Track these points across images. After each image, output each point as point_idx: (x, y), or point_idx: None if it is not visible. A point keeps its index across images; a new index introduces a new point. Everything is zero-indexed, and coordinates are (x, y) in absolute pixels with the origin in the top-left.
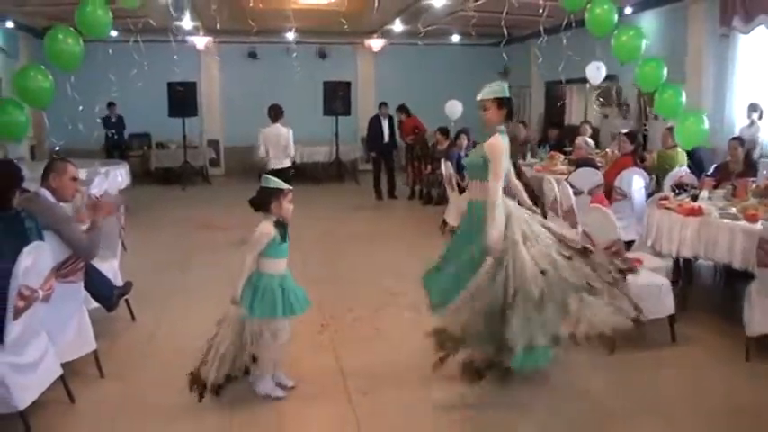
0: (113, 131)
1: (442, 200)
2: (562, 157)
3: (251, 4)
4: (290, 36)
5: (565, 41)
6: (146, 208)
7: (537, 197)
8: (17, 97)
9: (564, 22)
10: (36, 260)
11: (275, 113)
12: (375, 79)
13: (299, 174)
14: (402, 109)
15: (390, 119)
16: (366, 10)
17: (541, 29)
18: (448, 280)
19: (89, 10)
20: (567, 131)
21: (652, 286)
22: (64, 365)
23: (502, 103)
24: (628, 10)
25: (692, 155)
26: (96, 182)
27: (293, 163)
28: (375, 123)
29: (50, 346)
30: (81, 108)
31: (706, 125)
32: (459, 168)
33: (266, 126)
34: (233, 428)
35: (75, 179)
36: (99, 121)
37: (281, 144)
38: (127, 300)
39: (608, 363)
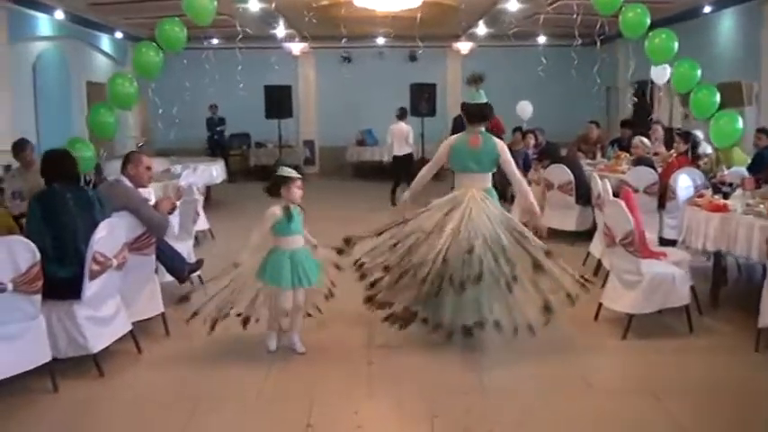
0: (215, 131)
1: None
2: (629, 156)
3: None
4: (381, 41)
5: (647, 43)
6: (239, 200)
7: None
8: (109, 101)
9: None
10: (110, 233)
11: (401, 113)
12: (463, 81)
13: (388, 171)
14: None
15: None
16: (442, 16)
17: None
18: None
19: (167, 27)
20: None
21: (665, 275)
22: (136, 323)
23: (462, 108)
24: (707, 8)
25: (759, 155)
26: (184, 175)
27: (411, 155)
28: (458, 123)
29: (123, 306)
30: (161, 110)
31: (740, 124)
32: (526, 167)
33: (393, 123)
34: (271, 374)
35: (149, 168)
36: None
37: (403, 136)
38: (199, 276)
39: (615, 347)
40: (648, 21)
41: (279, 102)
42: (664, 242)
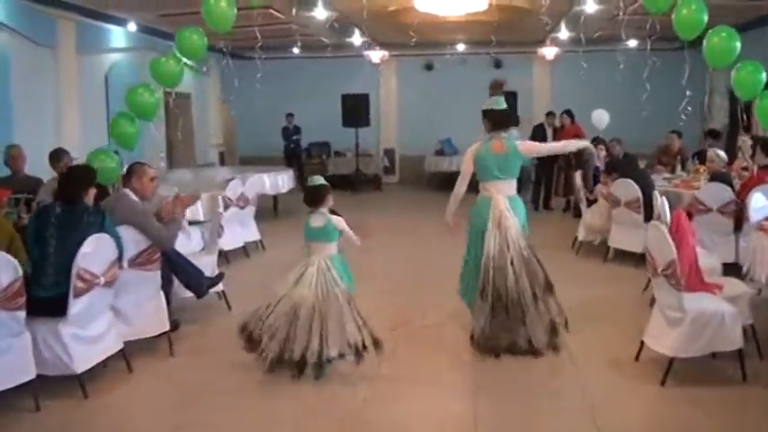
0: (291, 140)
1: None
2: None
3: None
4: (461, 47)
5: (704, 43)
6: (299, 210)
7: None
8: (130, 111)
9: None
10: (97, 249)
11: None
12: (550, 87)
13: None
14: (567, 113)
15: (555, 129)
16: (518, 20)
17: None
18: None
19: (186, 35)
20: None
21: (713, 314)
22: (139, 342)
23: (485, 115)
24: None
25: None
26: (231, 185)
27: None
28: (539, 132)
29: (115, 324)
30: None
31: None
32: (595, 180)
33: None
34: (266, 410)
35: (153, 179)
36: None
37: None
38: (223, 291)
39: (651, 394)
40: (706, 18)
41: (356, 110)
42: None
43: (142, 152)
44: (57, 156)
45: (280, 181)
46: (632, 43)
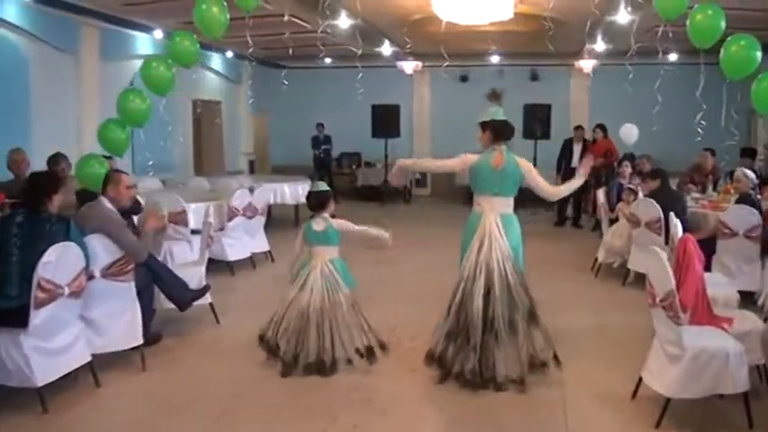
0: (321, 150)
1: None
2: None
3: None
4: (496, 59)
5: (722, 53)
6: None
7: None
8: (120, 116)
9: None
10: (60, 259)
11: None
12: (588, 101)
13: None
14: (600, 128)
15: (584, 143)
16: (545, 31)
17: None
18: None
19: (177, 41)
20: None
21: (716, 351)
22: (114, 354)
23: (485, 126)
24: None
25: None
26: (237, 194)
27: None
28: (567, 146)
29: (85, 335)
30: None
31: None
32: (618, 199)
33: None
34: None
35: (129, 187)
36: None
37: None
38: (212, 303)
39: None
40: (723, 25)
41: (386, 121)
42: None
43: (172, 160)
44: (54, 160)
45: (300, 190)
46: (672, 57)
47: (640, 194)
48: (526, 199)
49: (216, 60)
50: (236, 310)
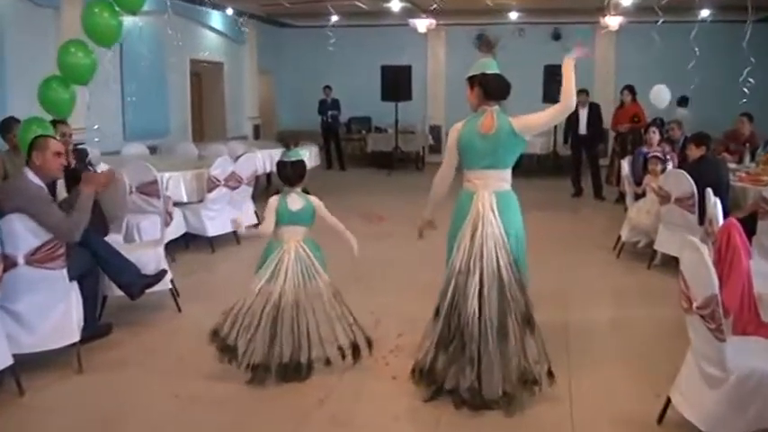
0: (329, 114)
1: None
2: None
3: None
4: (514, 16)
5: None
6: (336, 190)
7: None
8: (60, 72)
9: None
10: None
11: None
12: (614, 61)
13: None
14: (629, 90)
15: (590, 107)
16: None
17: None
18: None
19: None
20: None
21: (763, 377)
22: (42, 354)
23: (473, 81)
24: None
25: None
26: (218, 163)
27: None
28: (572, 114)
29: (11, 333)
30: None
31: None
32: (643, 169)
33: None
34: None
35: (58, 154)
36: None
37: None
38: (171, 290)
39: None
40: None
41: (396, 83)
42: None
43: (167, 124)
44: (7, 125)
45: (305, 157)
46: (705, 13)
47: (669, 165)
48: (535, 170)
49: (216, 18)
50: (207, 295)
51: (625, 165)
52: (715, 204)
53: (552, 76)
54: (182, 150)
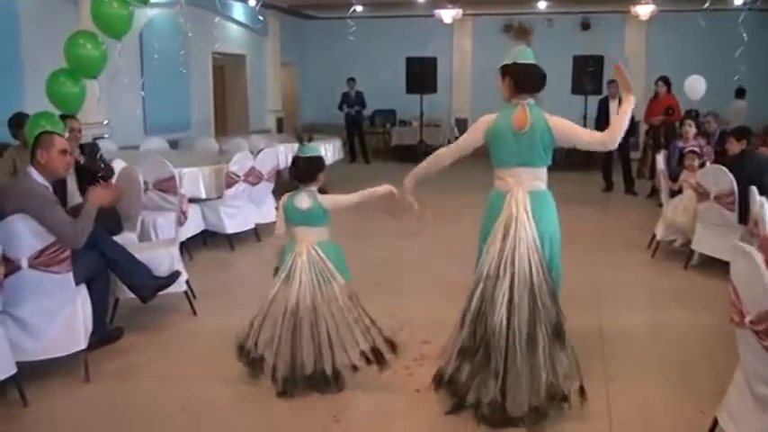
0: (353, 107)
1: None
2: None
3: None
4: (543, 5)
5: None
6: (357, 184)
7: None
8: (68, 65)
9: None
10: None
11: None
12: (645, 51)
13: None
14: (663, 81)
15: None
16: None
17: None
18: None
19: None
20: None
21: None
22: (47, 362)
23: (505, 72)
24: None
25: None
26: (236, 158)
27: None
28: (603, 105)
29: (15, 340)
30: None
31: None
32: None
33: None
34: None
35: (64, 152)
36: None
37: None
38: (186, 293)
39: None
40: None
41: (421, 75)
42: None
43: (188, 118)
44: (19, 120)
45: (326, 151)
46: (738, 1)
47: (706, 161)
48: (563, 163)
49: (238, 10)
50: (225, 295)
51: (660, 159)
52: (762, 205)
53: (582, 68)
54: (201, 145)
